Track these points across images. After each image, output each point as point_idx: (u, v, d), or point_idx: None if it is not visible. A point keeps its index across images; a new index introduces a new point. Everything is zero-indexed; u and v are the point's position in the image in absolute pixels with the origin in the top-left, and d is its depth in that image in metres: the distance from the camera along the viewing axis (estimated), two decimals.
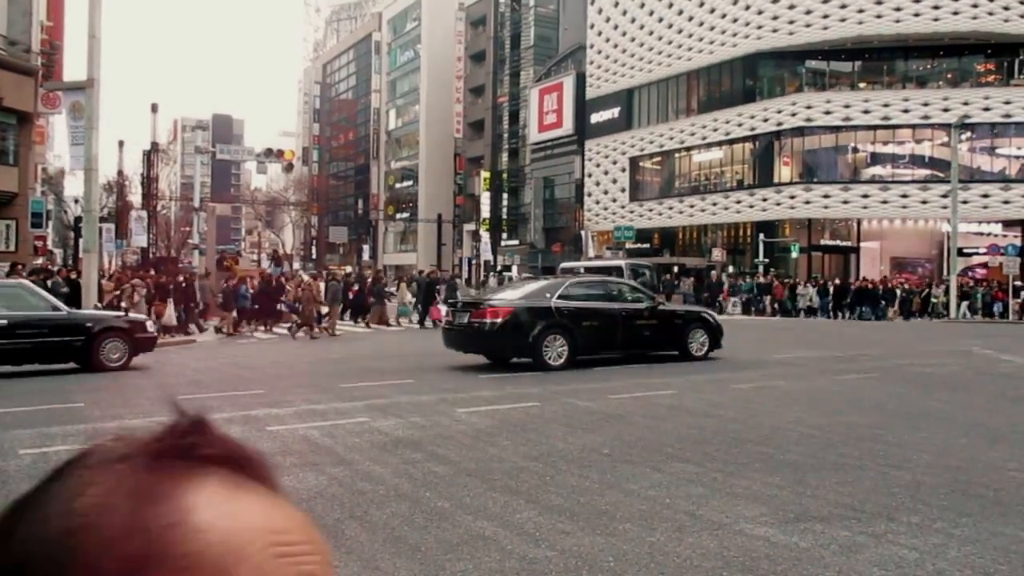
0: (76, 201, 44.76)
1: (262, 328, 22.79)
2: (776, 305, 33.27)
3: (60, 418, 8.07)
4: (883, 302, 30.97)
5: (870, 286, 31.75)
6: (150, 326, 14.28)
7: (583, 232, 51.07)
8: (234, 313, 22.26)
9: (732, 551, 4.11)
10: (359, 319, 25.37)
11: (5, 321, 11.80)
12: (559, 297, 12.44)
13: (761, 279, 35.16)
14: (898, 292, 32.08)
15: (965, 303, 30.91)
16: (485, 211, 60.93)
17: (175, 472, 0.46)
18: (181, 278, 24.22)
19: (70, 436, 7.16)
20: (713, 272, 35.87)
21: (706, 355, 13.52)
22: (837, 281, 33.85)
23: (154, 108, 46.16)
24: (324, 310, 22.21)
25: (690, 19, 44.28)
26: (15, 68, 23.26)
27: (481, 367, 12.44)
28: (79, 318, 13.08)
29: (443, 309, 24.45)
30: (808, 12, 38.53)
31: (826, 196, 38.36)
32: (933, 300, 31.09)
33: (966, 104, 36.11)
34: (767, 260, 37.88)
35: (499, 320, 11.88)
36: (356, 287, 26.33)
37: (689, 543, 4.23)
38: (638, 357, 13.03)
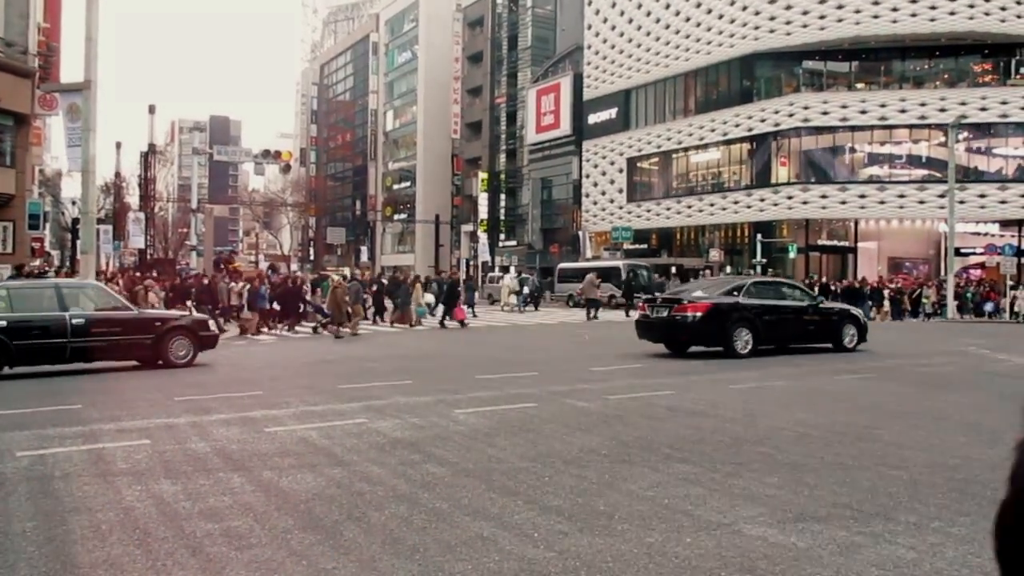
0: (73, 203, 44.76)
1: (284, 328, 22.88)
2: None
3: (57, 420, 8.06)
4: (869, 302, 30.80)
5: (856, 285, 31.61)
6: (212, 325, 15.24)
7: (581, 233, 51.11)
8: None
9: (730, 551, 4.11)
10: (378, 319, 25.79)
11: (83, 320, 12.29)
12: (744, 295, 14.38)
13: None
14: (885, 292, 31.87)
15: (955, 303, 30.82)
16: (483, 212, 60.96)
17: None
18: (205, 279, 24.59)
19: (68, 438, 7.15)
20: (708, 271, 35.84)
21: (855, 347, 15.21)
22: (822, 280, 33.42)
23: (151, 110, 46.19)
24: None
25: (687, 20, 44.32)
26: (12, 70, 23.23)
27: (486, 368, 12.45)
28: (148, 317, 13.77)
29: (466, 309, 25.58)
30: (805, 12, 38.59)
31: (823, 196, 38.41)
32: (924, 300, 30.94)
33: (963, 104, 36.18)
34: (765, 260, 37.92)
35: (699, 314, 13.90)
36: (375, 287, 26.88)
37: (687, 543, 4.23)
38: (803, 349, 14.89)
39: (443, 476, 5.72)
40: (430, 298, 26.66)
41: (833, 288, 31.67)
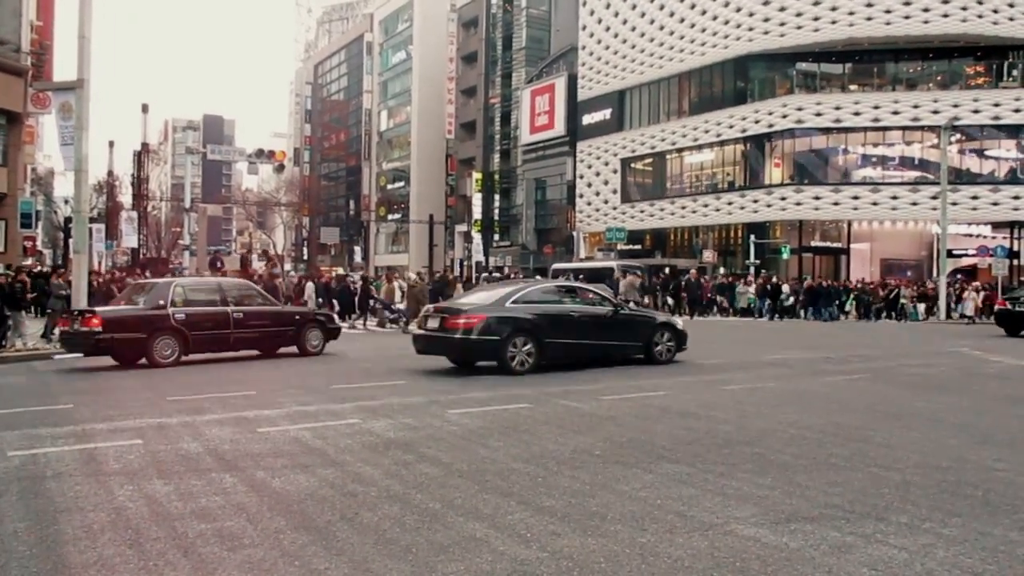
0: (66, 201, 44.59)
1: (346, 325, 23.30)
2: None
3: (48, 419, 8.03)
4: (836, 302, 30.65)
5: (825, 284, 31.42)
6: (336, 319, 17.31)
7: (575, 233, 51.14)
8: None
9: (723, 551, 4.12)
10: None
11: (241, 314, 14.00)
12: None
13: (723, 280, 34.63)
14: (851, 292, 31.59)
15: (923, 305, 30.77)
16: (477, 212, 60.94)
17: None
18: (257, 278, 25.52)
19: (59, 438, 7.12)
20: (692, 272, 35.82)
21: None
22: (774, 279, 33.07)
23: (144, 108, 46.04)
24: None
25: (681, 21, 44.40)
26: (5, 68, 23.16)
27: (483, 370, 12.45)
28: (290, 311, 15.88)
29: None
30: (799, 14, 38.69)
31: (817, 198, 38.52)
32: (903, 301, 30.84)
33: (956, 106, 36.34)
34: (758, 261, 38.01)
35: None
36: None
37: (680, 544, 4.24)
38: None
39: (436, 477, 5.72)
40: None
41: (786, 288, 31.11)
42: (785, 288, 31.43)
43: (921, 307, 30.67)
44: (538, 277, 31.43)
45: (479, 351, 11.99)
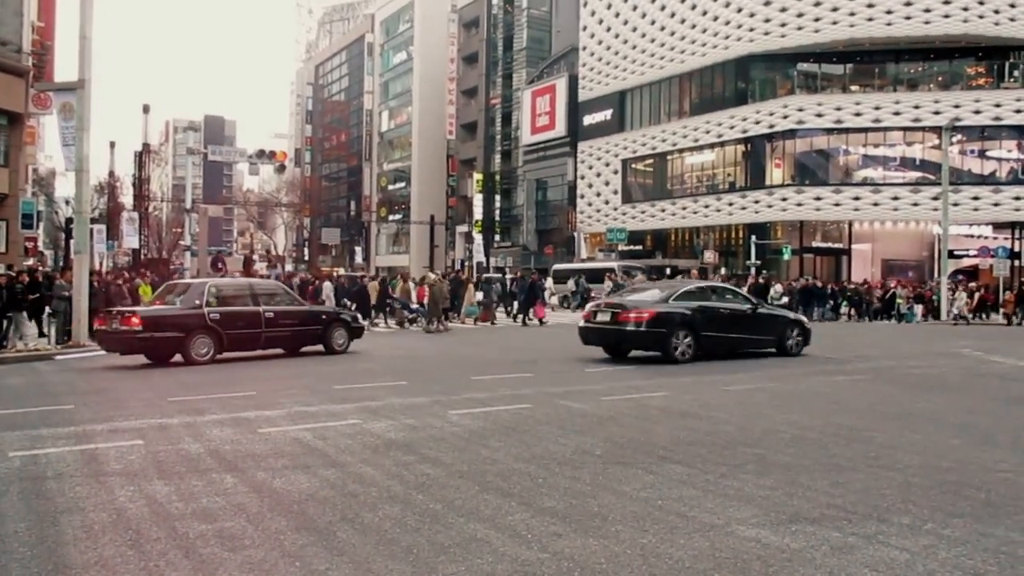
0: (67, 202, 44.64)
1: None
2: None
3: (49, 420, 8.03)
4: (831, 303, 30.50)
5: (819, 284, 31.29)
6: (361, 320, 18.18)
7: (576, 234, 51.15)
8: None
9: (724, 552, 4.12)
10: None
11: (272, 313, 14.41)
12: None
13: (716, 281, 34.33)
14: (846, 293, 31.41)
15: (920, 306, 30.67)
16: (478, 213, 60.96)
17: None
18: (300, 280, 26.89)
19: (60, 439, 7.12)
20: (693, 272, 35.71)
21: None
22: (760, 280, 32.35)
23: (146, 109, 46.05)
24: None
25: (682, 21, 44.40)
26: (6, 68, 23.18)
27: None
28: (317, 311, 16.32)
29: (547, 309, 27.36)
30: (800, 15, 38.69)
31: (818, 198, 38.51)
32: (899, 301, 30.72)
33: (957, 107, 36.33)
34: (759, 262, 37.99)
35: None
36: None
37: (681, 544, 4.24)
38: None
39: (437, 477, 5.71)
40: (480, 297, 27.91)
41: (779, 288, 30.47)
42: (778, 288, 30.95)
43: (918, 308, 30.54)
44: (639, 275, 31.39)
45: (648, 341, 13.45)
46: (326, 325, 15.28)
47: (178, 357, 13.45)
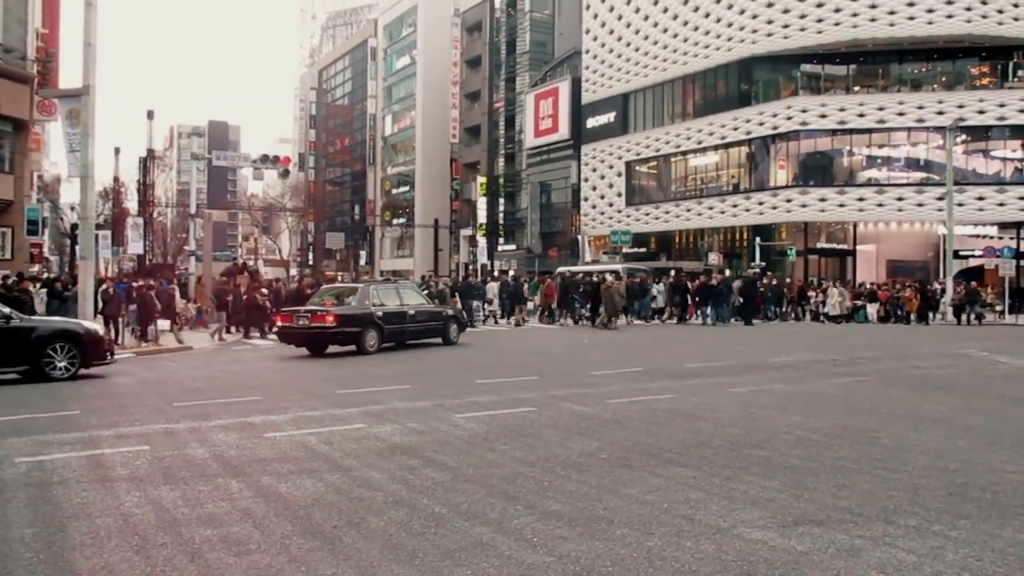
0: (72, 208, 44.76)
1: None
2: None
3: (55, 426, 8.05)
4: (773, 306, 29.96)
5: (775, 283, 30.66)
6: (465, 316, 20.72)
7: (580, 236, 51.10)
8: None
9: (730, 555, 4.11)
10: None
11: (414, 311, 17.27)
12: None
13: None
14: (782, 292, 30.73)
15: (872, 306, 30.44)
16: (482, 216, 60.94)
17: None
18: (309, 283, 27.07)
19: (67, 444, 7.14)
20: (682, 273, 35.47)
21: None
22: (683, 278, 30.13)
23: (150, 115, 46.23)
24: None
25: (685, 23, 44.38)
26: (11, 75, 23.24)
27: (488, 372, 12.44)
28: (438, 309, 18.75)
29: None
30: (803, 16, 38.63)
31: (822, 199, 38.42)
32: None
33: (961, 107, 36.23)
34: (764, 263, 37.91)
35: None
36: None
37: (687, 547, 4.23)
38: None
39: (442, 481, 5.71)
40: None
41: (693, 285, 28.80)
42: (660, 286, 29.56)
43: (871, 308, 30.16)
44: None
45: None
46: (445, 321, 18.16)
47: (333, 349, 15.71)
